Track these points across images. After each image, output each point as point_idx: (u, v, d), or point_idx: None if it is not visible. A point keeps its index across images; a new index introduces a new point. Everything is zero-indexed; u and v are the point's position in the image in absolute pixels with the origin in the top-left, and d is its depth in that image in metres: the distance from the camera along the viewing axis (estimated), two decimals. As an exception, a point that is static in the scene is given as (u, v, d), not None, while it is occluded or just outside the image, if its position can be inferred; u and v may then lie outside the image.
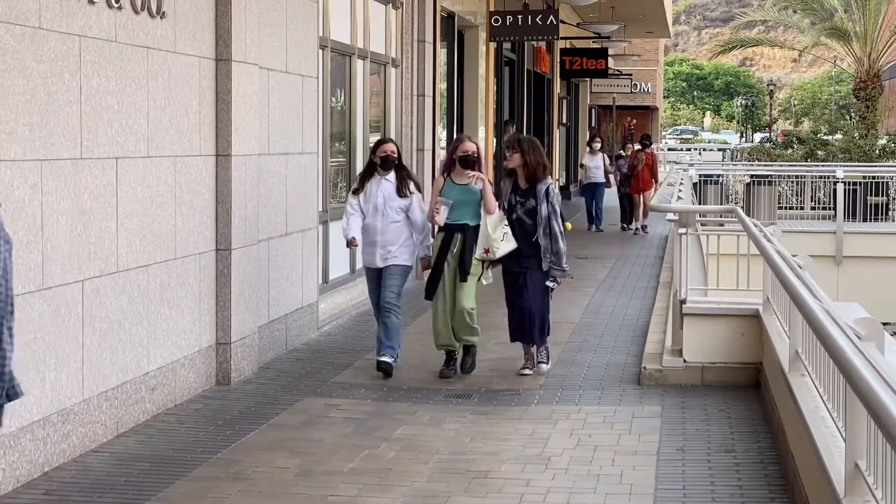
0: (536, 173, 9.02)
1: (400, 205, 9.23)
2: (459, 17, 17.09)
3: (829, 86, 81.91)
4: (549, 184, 9.07)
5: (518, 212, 9.06)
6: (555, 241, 8.95)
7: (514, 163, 9.07)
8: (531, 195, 9.03)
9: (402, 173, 9.38)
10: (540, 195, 8.99)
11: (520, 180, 9.11)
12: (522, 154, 9.02)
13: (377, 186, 9.27)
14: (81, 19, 6.93)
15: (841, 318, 5.00)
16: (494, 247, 8.89)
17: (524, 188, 9.08)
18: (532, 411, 8.20)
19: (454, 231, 9.09)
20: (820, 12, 38.11)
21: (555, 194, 9.11)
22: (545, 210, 8.98)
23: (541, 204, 8.98)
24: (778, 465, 6.76)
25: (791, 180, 22.87)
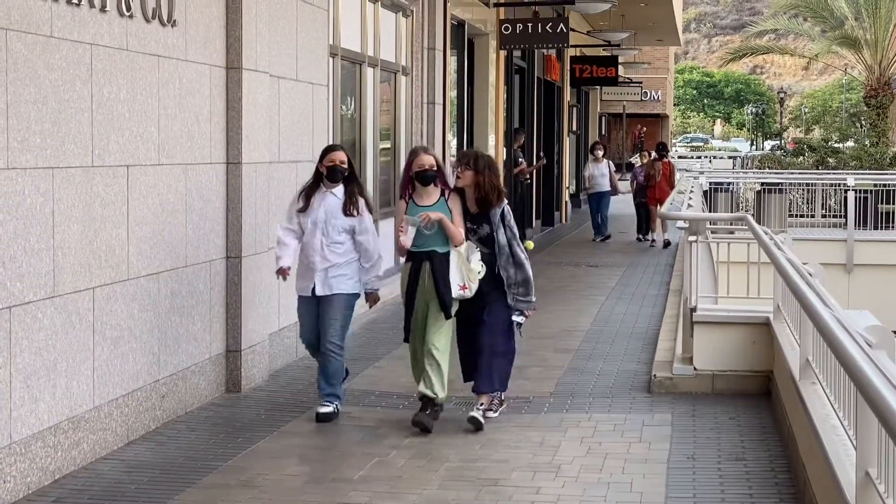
0: (489, 197, 7.83)
1: (344, 224, 8.01)
2: (469, 25, 17.12)
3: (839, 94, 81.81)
4: (502, 207, 7.88)
5: (472, 239, 7.89)
6: (521, 269, 7.87)
7: (465, 181, 7.84)
8: (484, 221, 7.86)
9: (352, 188, 8.10)
10: (495, 221, 7.84)
11: (469, 203, 7.89)
12: (476, 173, 7.82)
13: (321, 200, 8.05)
14: (93, 28, 6.95)
15: (851, 326, 5.00)
16: (473, 280, 7.78)
17: (474, 213, 7.89)
18: (542, 419, 8.19)
19: (422, 260, 7.83)
20: (830, 20, 38.08)
21: (511, 216, 7.98)
22: (504, 237, 7.85)
23: (497, 230, 7.84)
24: (789, 474, 6.75)
25: (802, 188, 22.83)
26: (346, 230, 8.00)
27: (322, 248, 7.99)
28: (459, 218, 7.86)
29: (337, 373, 8.06)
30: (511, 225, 7.88)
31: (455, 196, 7.90)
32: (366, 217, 8.09)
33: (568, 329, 11.97)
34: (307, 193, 8.12)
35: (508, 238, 7.85)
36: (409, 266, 7.91)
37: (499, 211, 7.84)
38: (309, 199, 8.08)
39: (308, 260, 8.06)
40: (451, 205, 7.87)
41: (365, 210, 8.11)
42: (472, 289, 7.74)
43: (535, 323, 12.26)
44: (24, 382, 6.33)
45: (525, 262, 7.89)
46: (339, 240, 8.00)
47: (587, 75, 30.35)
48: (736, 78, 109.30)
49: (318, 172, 8.13)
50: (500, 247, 7.82)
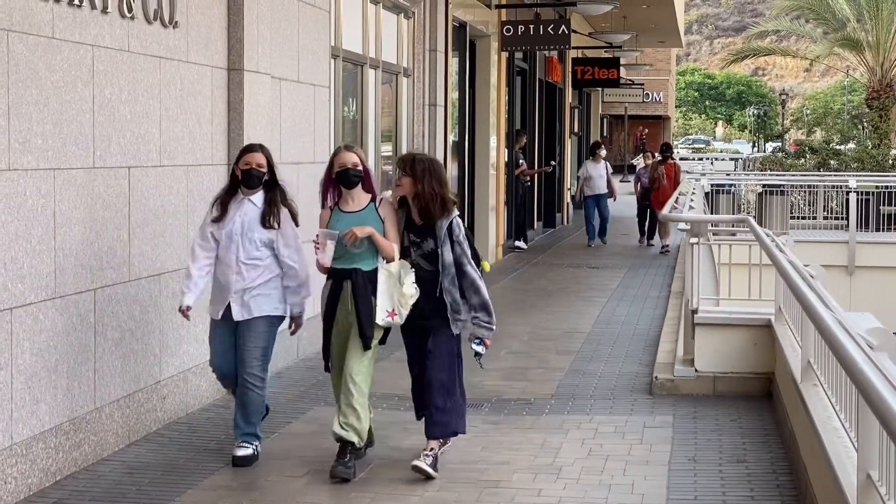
0: (429, 208, 6.69)
1: (263, 237, 6.91)
2: (471, 26, 17.12)
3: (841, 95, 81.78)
4: (450, 217, 6.71)
5: (414, 255, 6.80)
6: (476, 292, 6.72)
7: (403, 190, 6.77)
8: (429, 235, 6.73)
9: (273, 195, 6.99)
10: (441, 235, 6.68)
11: (413, 214, 6.80)
12: (414, 180, 6.68)
13: (237, 209, 6.96)
14: (94, 29, 6.96)
15: (853, 329, 4.99)
16: (404, 305, 6.69)
17: (419, 225, 6.78)
18: (543, 421, 8.19)
19: (343, 278, 6.74)
20: (832, 22, 38.07)
21: (462, 229, 6.79)
22: (450, 255, 6.69)
23: (443, 246, 6.68)
24: (790, 476, 6.75)
25: (803, 190, 22.83)
26: (265, 244, 6.92)
27: (238, 265, 6.90)
28: (394, 230, 6.78)
29: (257, 409, 7.01)
30: (461, 240, 6.70)
31: (388, 204, 6.88)
32: (289, 229, 7.00)
33: (569, 331, 11.97)
34: (223, 201, 7.02)
35: (457, 255, 6.69)
36: (329, 284, 6.85)
37: (445, 223, 6.68)
38: (225, 208, 6.99)
39: (223, 279, 6.96)
40: (382, 212, 6.78)
41: (288, 221, 7.02)
42: (402, 315, 6.69)
43: (536, 324, 12.28)
44: (25, 384, 6.33)
45: (480, 284, 6.73)
46: (257, 255, 6.90)
47: (589, 77, 30.34)
48: (738, 80, 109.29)
49: (234, 176, 7.04)
50: (443, 265, 6.68)
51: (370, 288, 6.68)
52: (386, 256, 6.71)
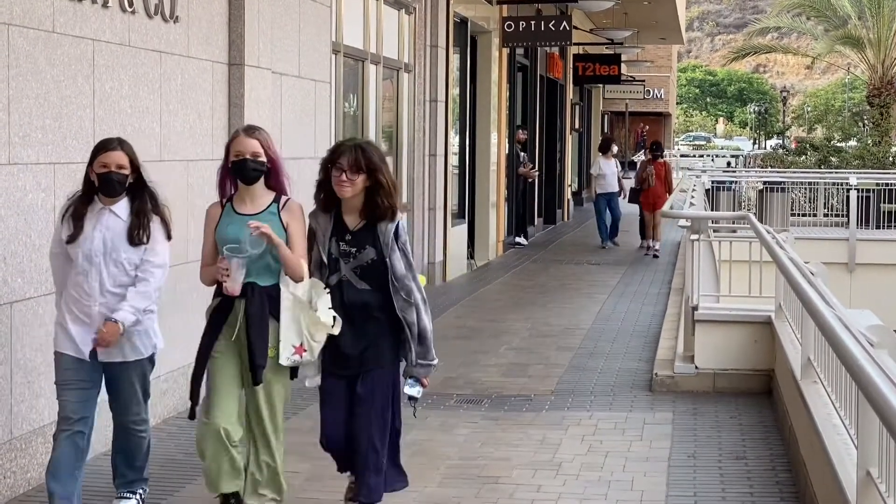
0: (386, 204, 5.38)
1: (133, 258, 5.53)
2: (472, 22, 17.10)
3: (842, 93, 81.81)
4: (398, 219, 5.45)
5: (344, 270, 5.41)
6: (418, 316, 5.43)
7: (355, 189, 5.36)
8: (369, 241, 5.38)
9: (142, 203, 5.59)
10: (386, 241, 5.37)
11: (346, 215, 5.45)
12: (373, 172, 5.35)
13: (95, 223, 5.52)
14: (95, 23, 6.95)
15: (853, 326, 4.99)
16: (316, 338, 5.38)
17: (355, 228, 5.41)
18: (543, 417, 8.19)
19: (233, 297, 5.45)
20: (833, 19, 38.04)
21: (407, 235, 5.56)
22: (401, 266, 5.39)
23: (391, 254, 5.37)
24: (790, 473, 6.74)
25: (804, 187, 22.82)
26: (136, 266, 5.54)
27: (103, 295, 5.50)
28: (301, 241, 5.47)
29: (145, 452, 5.95)
30: (407, 248, 5.46)
31: (296, 207, 5.56)
32: (159, 246, 5.60)
33: (569, 327, 11.97)
34: (75, 213, 5.53)
35: (405, 269, 5.42)
36: (215, 303, 5.56)
37: (393, 226, 5.39)
38: (80, 222, 5.51)
39: (80, 311, 5.52)
40: (286, 218, 5.49)
41: (160, 236, 5.63)
42: (313, 351, 5.38)
43: (537, 321, 12.28)
44: (24, 378, 6.33)
45: (422, 306, 5.43)
46: (128, 281, 5.53)
47: (590, 73, 30.32)
48: (739, 77, 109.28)
49: (88, 181, 5.58)
50: (395, 278, 5.34)
51: (268, 308, 5.40)
52: (292, 275, 5.37)
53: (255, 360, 5.41)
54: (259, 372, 5.42)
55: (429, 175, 14.84)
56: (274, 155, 5.57)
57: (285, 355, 5.40)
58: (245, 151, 5.45)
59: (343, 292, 5.41)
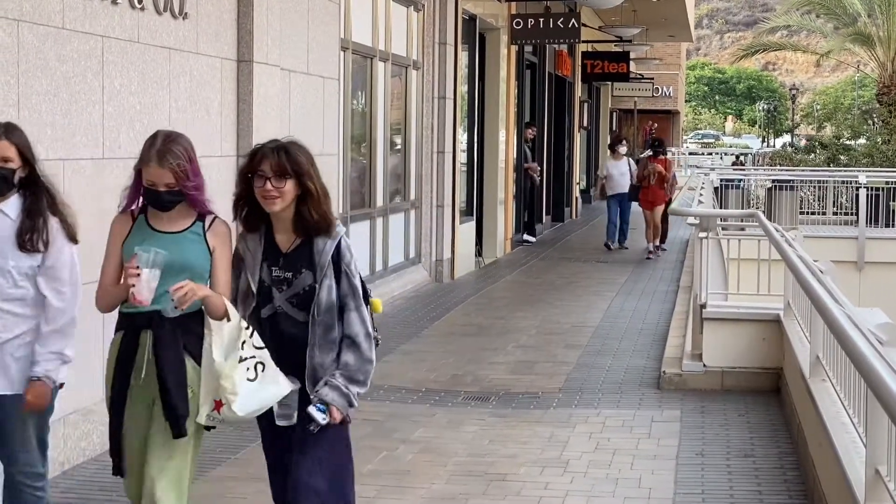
0: (319, 215, 4.38)
1: (23, 266, 4.59)
2: (481, 19, 17.10)
3: (851, 90, 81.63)
4: (339, 234, 4.43)
5: (278, 300, 4.41)
6: (357, 352, 4.38)
7: (285, 200, 4.36)
8: (305, 263, 4.38)
9: (36, 202, 4.66)
10: (322, 262, 4.36)
11: (279, 234, 4.44)
12: (301, 178, 4.38)
13: None
14: (104, 20, 6.96)
15: (862, 324, 4.98)
16: (232, 393, 4.28)
17: (289, 249, 4.42)
18: (551, 414, 8.18)
19: (139, 328, 4.45)
20: (843, 17, 37.96)
21: (353, 254, 4.45)
22: (331, 294, 4.36)
23: (323, 279, 4.36)
24: (798, 471, 6.74)
25: (813, 185, 22.78)
26: (28, 276, 4.59)
27: None
28: (226, 270, 4.48)
29: None
30: (351, 270, 4.41)
31: (224, 228, 4.54)
32: (64, 251, 4.68)
33: (577, 325, 11.96)
34: None
35: (343, 295, 4.37)
36: (118, 338, 4.52)
37: (333, 244, 4.39)
38: None
39: None
40: (213, 241, 4.48)
41: (63, 243, 4.68)
42: (232, 405, 4.30)
43: (544, 319, 12.28)
44: (33, 374, 6.31)
45: (366, 343, 4.38)
46: (16, 294, 4.58)
47: (598, 71, 30.28)
48: (748, 74, 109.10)
49: None
50: (318, 309, 4.33)
51: (182, 342, 4.41)
52: (215, 315, 4.36)
53: (173, 406, 4.37)
54: (180, 422, 4.38)
55: (437, 172, 14.84)
56: (195, 182, 4.49)
57: (204, 412, 4.37)
58: (158, 183, 4.43)
59: (278, 327, 4.40)
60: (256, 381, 4.28)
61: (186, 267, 4.39)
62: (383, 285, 12.92)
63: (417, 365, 9.68)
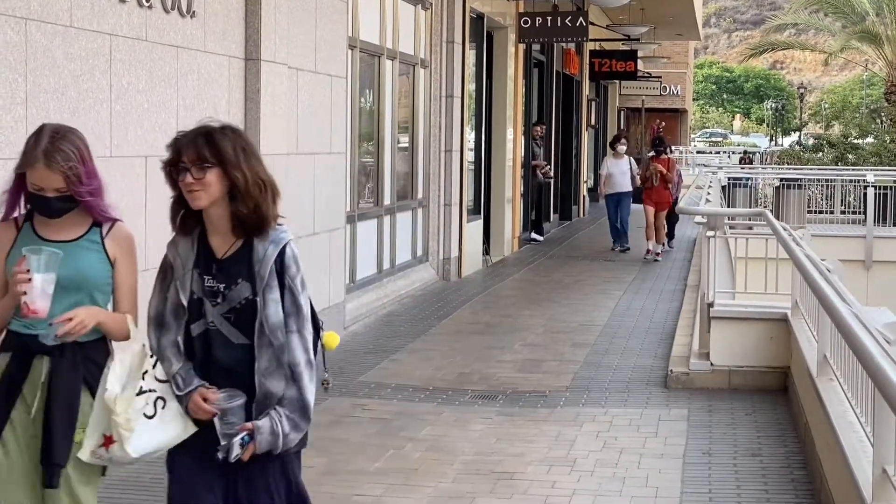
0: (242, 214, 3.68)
1: None
2: (489, 18, 17.09)
3: (860, 89, 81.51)
4: (285, 240, 3.73)
5: (210, 315, 3.72)
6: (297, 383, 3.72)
7: (211, 193, 3.70)
8: (243, 272, 3.70)
9: None
10: (262, 270, 3.68)
11: (213, 237, 3.78)
12: (225, 166, 3.68)
13: None
14: (112, 18, 6.97)
15: (870, 323, 4.97)
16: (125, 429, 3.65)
17: (225, 255, 3.74)
18: (558, 413, 8.18)
19: (33, 353, 3.86)
20: (851, 15, 37.93)
21: (299, 264, 3.75)
22: (277, 309, 3.68)
23: (266, 292, 3.67)
24: (805, 470, 6.73)
25: (821, 184, 22.76)
26: None
27: None
28: (131, 286, 4.09)
29: None
30: (296, 285, 3.71)
31: (126, 237, 4.13)
32: None
33: (584, 323, 11.96)
34: None
35: (287, 313, 3.69)
36: (5, 361, 3.88)
37: (275, 251, 3.69)
38: None
39: None
40: (113, 249, 4.01)
41: None
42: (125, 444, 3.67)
43: (552, 317, 12.28)
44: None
45: (306, 372, 3.72)
46: None
47: (606, 69, 30.27)
48: (756, 73, 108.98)
49: None
50: (268, 328, 3.65)
51: (83, 373, 3.84)
52: (116, 338, 3.95)
53: (50, 455, 3.78)
54: (56, 472, 3.77)
55: (444, 171, 14.84)
56: (90, 185, 3.90)
57: (89, 447, 3.71)
58: (46, 188, 3.83)
59: (209, 347, 3.69)
60: (155, 419, 3.65)
61: (82, 281, 3.83)
62: (391, 283, 12.93)
63: (424, 363, 9.68)
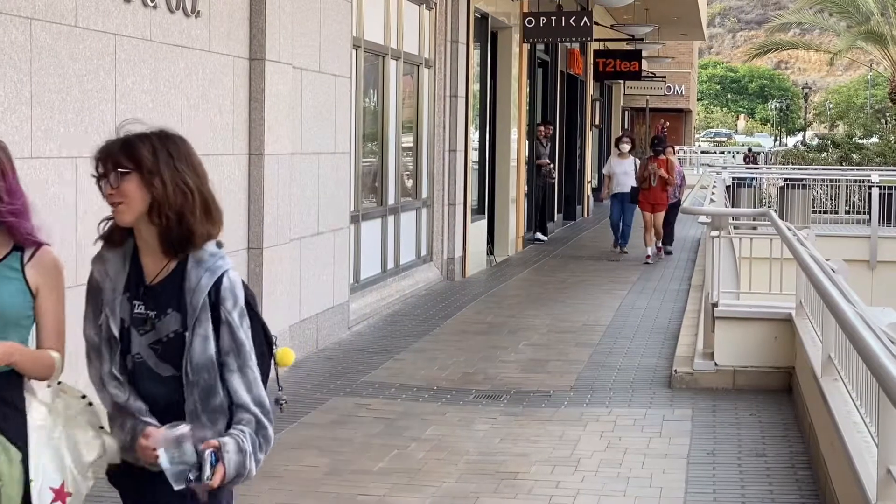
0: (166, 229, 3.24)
1: None
2: (493, 17, 17.09)
3: (864, 89, 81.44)
4: (222, 268, 3.25)
5: (136, 346, 3.29)
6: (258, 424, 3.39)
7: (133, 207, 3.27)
8: (174, 300, 3.24)
9: None
10: (195, 301, 3.21)
11: (145, 256, 3.32)
12: (143, 174, 3.27)
13: None
14: (117, 18, 6.98)
15: (874, 323, 4.98)
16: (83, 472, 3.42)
17: (155, 279, 3.29)
18: (562, 413, 8.18)
19: None
20: (856, 15, 37.90)
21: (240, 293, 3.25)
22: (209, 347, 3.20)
23: (195, 326, 3.20)
24: (809, 470, 6.72)
25: (826, 184, 22.74)
26: None
27: None
28: (57, 319, 3.55)
29: None
30: (235, 321, 3.22)
31: (51, 263, 3.57)
32: None
33: (589, 323, 11.95)
34: None
35: (223, 352, 3.21)
36: None
37: (210, 280, 3.22)
38: None
39: None
40: (35, 278, 3.48)
41: None
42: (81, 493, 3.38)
43: (556, 317, 12.28)
44: (46, 371, 6.33)
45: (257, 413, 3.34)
46: None
47: (610, 69, 30.25)
48: (760, 73, 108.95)
49: None
50: (192, 367, 3.20)
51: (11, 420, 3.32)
52: (39, 377, 3.45)
53: None
54: None
55: (448, 171, 14.84)
56: (11, 204, 3.39)
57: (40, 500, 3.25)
58: None
59: (137, 382, 3.28)
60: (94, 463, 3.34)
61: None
62: (395, 283, 12.94)
63: (429, 363, 9.68)
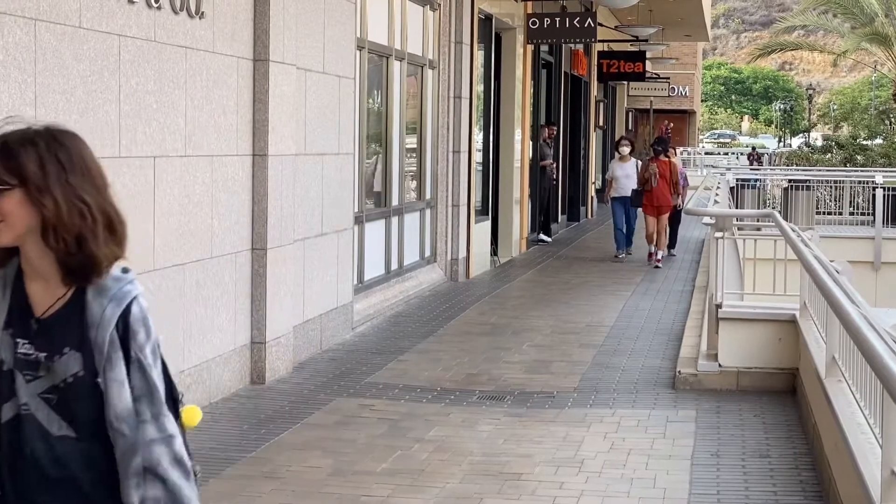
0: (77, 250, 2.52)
1: None
2: (497, 18, 17.09)
3: (868, 91, 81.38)
4: (130, 294, 2.57)
5: (23, 395, 2.54)
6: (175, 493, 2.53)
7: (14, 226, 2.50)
8: (73, 338, 2.52)
9: None
10: (100, 337, 2.51)
11: (32, 283, 2.56)
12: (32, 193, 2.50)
13: None
14: (121, 19, 6.98)
15: (878, 324, 4.97)
16: None
17: (47, 313, 2.54)
18: (566, 414, 8.18)
19: None
20: (860, 17, 37.88)
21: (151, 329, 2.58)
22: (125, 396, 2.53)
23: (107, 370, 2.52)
24: (813, 471, 6.72)
25: (830, 185, 22.72)
26: None
27: None
28: None
29: None
30: (146, 359, 2.59)
31: None
32: None
33: (592, 324, 11.95)
34: None
35: (136, 396, 2.56)
36: None
37: (116, 309, 2.56)
38: None
39: None
40: None
41: None
42: None
43: (559, 318, 12.27)
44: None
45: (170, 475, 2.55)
46: None
47: (614, 70, 30.24)
48: (764, 74, 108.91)
49: None
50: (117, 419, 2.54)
51: None
52: None
53: None
54: None
55: (452, 172, 14.84)
56: None
57: None
58: None
59: (21, 441, 2.59)
60: None
61: None
62: (399, 284, 12.94)
63: (432, 364, 9.68)
